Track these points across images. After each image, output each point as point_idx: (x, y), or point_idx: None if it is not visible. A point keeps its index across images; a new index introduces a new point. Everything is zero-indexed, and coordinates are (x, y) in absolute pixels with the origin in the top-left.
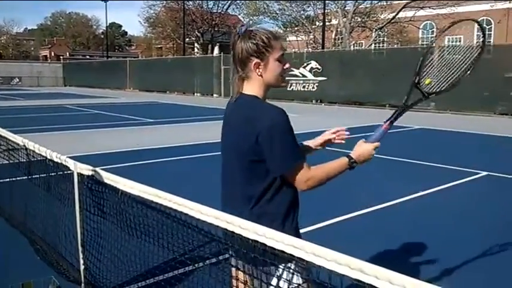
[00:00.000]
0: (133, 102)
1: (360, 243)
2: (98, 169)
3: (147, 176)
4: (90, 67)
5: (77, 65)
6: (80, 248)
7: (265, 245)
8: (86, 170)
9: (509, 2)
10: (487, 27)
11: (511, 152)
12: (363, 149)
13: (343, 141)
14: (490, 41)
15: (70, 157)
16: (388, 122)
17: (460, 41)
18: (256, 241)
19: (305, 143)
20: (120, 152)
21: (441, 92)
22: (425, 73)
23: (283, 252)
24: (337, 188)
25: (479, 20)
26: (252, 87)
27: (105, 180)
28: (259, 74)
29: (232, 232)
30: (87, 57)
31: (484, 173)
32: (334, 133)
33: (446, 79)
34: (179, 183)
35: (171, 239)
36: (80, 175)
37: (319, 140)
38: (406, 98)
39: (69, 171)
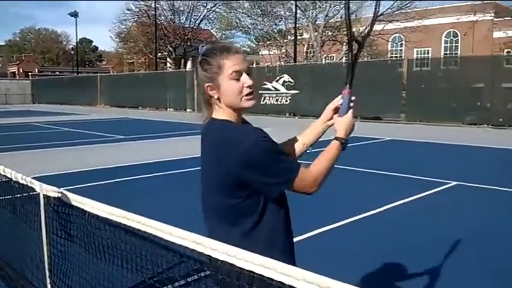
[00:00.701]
0: (104, 118)
1: (323, 260)
2: (64, 190)
3: (118, 195)
4: (60, 83)
5: (46, 81)
6: (47, 273)
7: (234, 265)
8: (52, 191)
9: (474, 15)
10: (454, 39)
11: (480, 161)
12: (343, 123)
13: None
14: (457, 53)
15: (38, 177)
16: (347, 86)
17: (428, 53)
18: (225, 262)
19: (308, 130)
20: (90, 171)
21: (369, 33)
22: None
23: (251, 272)
24: (298, 205)
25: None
26: (223, 111)
27: (72, 202)
28: (215, 97)
29: (201, 253)
30: (57, 73)
31: (454, 183)
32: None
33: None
34: (150, 202)
35: (139, 260)
36: (46, 197)
37: (328, 113)
38: (349, 54)
39: (35, 193)
